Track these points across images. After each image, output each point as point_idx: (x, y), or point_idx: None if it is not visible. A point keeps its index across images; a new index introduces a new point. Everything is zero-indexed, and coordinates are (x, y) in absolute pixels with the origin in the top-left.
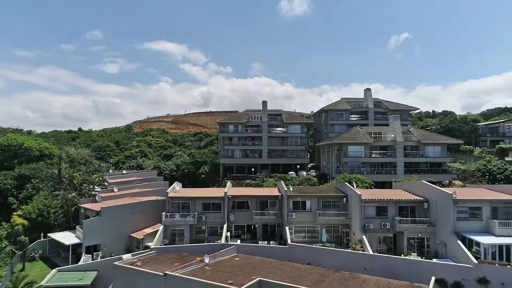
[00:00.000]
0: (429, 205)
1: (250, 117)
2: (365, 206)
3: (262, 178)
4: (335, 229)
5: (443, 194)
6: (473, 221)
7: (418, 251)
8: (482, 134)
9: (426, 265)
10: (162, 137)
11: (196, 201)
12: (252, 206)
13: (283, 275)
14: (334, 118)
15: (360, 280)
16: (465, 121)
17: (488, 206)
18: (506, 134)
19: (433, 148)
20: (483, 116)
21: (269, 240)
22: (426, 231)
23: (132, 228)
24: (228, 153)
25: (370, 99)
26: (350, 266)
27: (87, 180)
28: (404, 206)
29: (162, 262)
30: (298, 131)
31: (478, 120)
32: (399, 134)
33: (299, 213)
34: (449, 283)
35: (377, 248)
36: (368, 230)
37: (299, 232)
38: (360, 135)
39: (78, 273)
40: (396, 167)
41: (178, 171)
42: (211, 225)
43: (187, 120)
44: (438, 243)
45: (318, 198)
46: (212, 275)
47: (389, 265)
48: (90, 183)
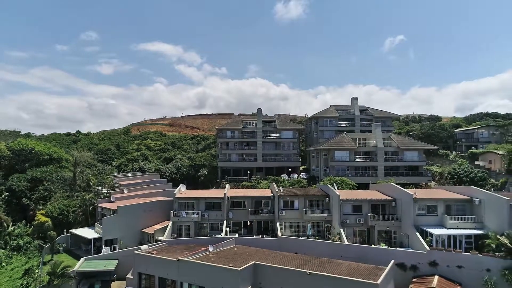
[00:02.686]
0: (396, 203)
1: (246, 123)
2: (343, 204)
3: (257, 180)
4: (319, 224)
5: (406, 194)
6: (430, 216)
7: (387, 242)
8: (459, 139)
9: (390, 252)
10: (160, 140)
11: (199, 201)
12: (248, 205)
13: (273, 260)
14: (323, 125)
15: (335, 264)
16: (443, 128)
17: (443, 204)
18: (480, 139)
19: (411, 153)
20: (467, 121)
21: (262, 234)
22: (393, 225)
23: (144, 224)
24: (226, 157)
25: (356, 107)
26: (330, 254)
27: (102, 183)
28: (376, 205)
29: (173, 251)
30: (291, 137)
31: (460, 125)
32: (380, 140)
33: (289, 211)
34: (407, 266)
35: (353, 240)
36: (345, 224)
37: (289, 227)
38: (346, 141)
39: (102, 261)
40: (377, 170)
41: (178, 174)
42: (212, 221)
43: (184, 122)
44: (402, 235)
45: (304, 198)
46: (216, 260)
47: (361, 253)
48: (106, 185)
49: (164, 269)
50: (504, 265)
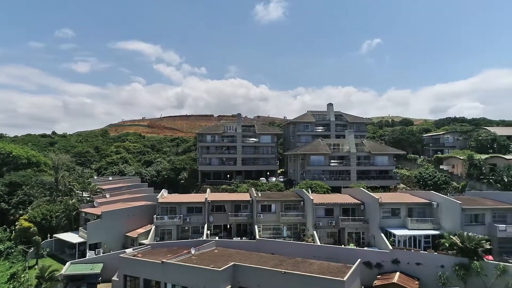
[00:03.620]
0: (364, 207)
1: (226, 128)
2: (316, 208)
3: (236, 184)
4: (294, 226)
5: (373, 198)
6: (394, 219)
7: (356, 242)
8: (427, 144)
9: (358, 252)
10: (139, 142)
11: (181, 205)
12: (228, 209)
13: (251, 261)
14: (300, 130)
15: (308, 263)
16: (412, 133)
17: (405, 207)
18: (445, 144)
19: (382, 157)
20: (436, 125)
21: (241, 236)
22: (362, 227)
23: (127, 228)
24: (206, 160)
25: (332, 112)
26: (303, 254)
27: (85, 188)
28: (346, 208)
29: (157, 254)
30: (269, 141)
31: (430, 129)
32: (353, 146)
33: (266, 214)
34: (373, 264)
35: (325, 241)
36: (318, 227)
37: (266, 230)
38: (321, 146)
39: (88, 264)
40: (350, 174)
41: (159, 177)
42: (194, 225)
43: (163, 124)
44: (370, 236)
45: (281, 202)
46: (198, 262)
47: (333, 253)
48: (88, 190)
49: (149, 271)
50: (456, 262)
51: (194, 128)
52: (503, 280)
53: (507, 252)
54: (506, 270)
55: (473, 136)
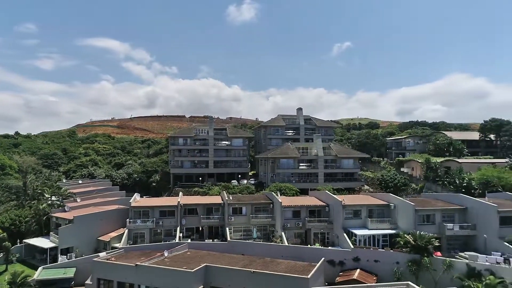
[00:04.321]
0: (329, 208)
1: (198, 131)
2: (285, 210)
3: (208, 186)
4: (264, 228)
5: (336, 201)
6: (356, 220)
7: (321, 242)
8: (390, 147)
9: (323, 251)
10: (109, 144)
11: (154, 209)
12: (200, 212)
13: (223, 262)
14: (271, 133)
15: (276, 263)
16: (376, 137)
17: (366, 209)
18: (407, 148)
19: (347, 161)
20: (400, 128)
21: (213, 238)
22: (326, 227)
23: (99, 232)
24: (178, 163)
25: (301, 117)
26: (272, 254)
27: (56, 193)
28: (312, 210)
29: (131, 257)
30: (241, 144)
31: (393, 133)
32: (321, 150)
33: (237, 217)
34: (336, 262)
35: (293, 241)
36: (286, 228)
37: (237, 231)
38: (290, 150)
39: (60, 269)
40: (318, 177)
41: (130, 179)
42: (167, 228)
43: (133, 124)
44: (334, 236)
45: (251, 204)
46: (171, 264)
47: (299, 253)
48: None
49: (122, 274)
50: (409, 258)
51: (165, 129)
52: (449, 274)
53: (454, 249)
54: (452, 265)
55: (432, 140)
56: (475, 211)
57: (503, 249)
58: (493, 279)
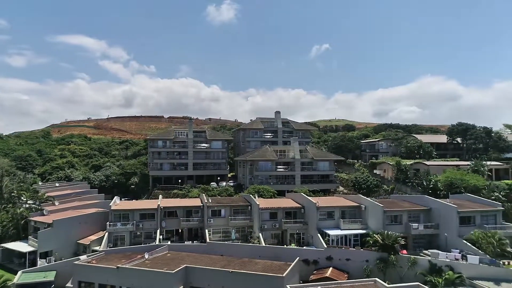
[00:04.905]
0: (304, 210)
1: (177, 133)
2: (262, 212)
3: (187, 188)
4: (242, 229)
5: (311, 203)
6: (329, 220)
7: (297, 242)
8: (364, 150)
9: (298, 251)
10: (86, 145)
11: (134, 212)
12: (180, 214)
13: (202, 262)
14: (250, 136)
15: (254, 263)
16: (351, 140)
17: (339, 210)
18: (380, 150)
19: (323, 163)
20: (375, 130)
21: (193, 240)
22: (302, 228)
23: (79, 236)
24: (157, 166)
25: (279, 120)
26: (250, 255)
27: (33, 196)
28: (289, 211)
29: (111, 260)
30: (220, 147)
31: (368, 135)
32: (298, 152)
33: (216, 219)
34: (310, 261)
35: (270, 242)
36: (264, 229)
37: (216, 233)
38: (269, 153)
39: (40, 273)
40: (295, 179)
41: (108, 182)
42: (147, 230)
43: (111, 125)
44: (309, 236)
45: (230, 207)
46: (152, 266)
47: (276, 253)
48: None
49: (104, 276)
50: (377, 257)
51: (143, 130)
52: (414, 270)
53: (419, 247)
54: (416, 262)
55: (403, 143)
56: (438, 212)
57: (462, 247)
58: (452, 274)
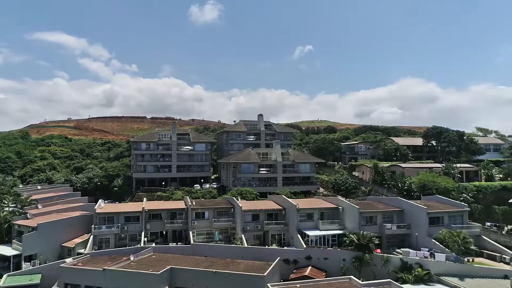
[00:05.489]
0: (285, 212)
1: (161, 136)
2: (245, 214)
3: (171, 191)
4: (225, 230)
5: (292, 205)
6: (309, 222)
7: (278, 242)
8: (344, 152)
9: (279, 251)
10: (67, 146)
11: (119, 215)
12: (164, 217)
13: (187, 263)
14: (233, 138)
15: (236, 263)
16: (332, 142)
17: (318, 212)
18: (359, 152)
19: (304, 165)
20: (356, 132)
21: (177, 242)
22: (283, 229)
23: (64, 239)
24: (141, 168)
25: (262, 123)
26: (233, 255)
27: (17, 200)
28: (270, 213)
29: (97, 262)
30: (203, 149)
31: (349, 137)
32: (279, 155)
33: (200, 221)
34: (290, 260)
35: (252, 243)
36: (246, 230)
37: (200, 235)
38: (251, 155)
39: (26, 276)
40: (277, 181)
41: (90, 184)
42: (131, 233)
43: (92, 125)
44: (289, 237)
45: (213, 209)
46: (137, 267)
47: (258, 253)
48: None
49: (90, 279)
50: (353, 256)
51: (126, 131)
52: (387, 268)
53: (392, 246)
54: (388, 260)
55: (381, 146)
56: (410, 213)
57: (431, 245)
58: (421, 271)
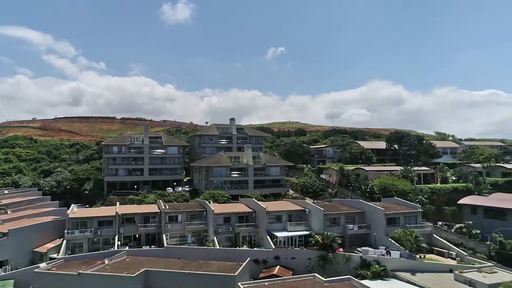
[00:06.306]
0: (255, 214)
1: (133, 139)
2: (217, 217)
3: (144, 194)
4: (198, 233)
5: (261, 207)
6: (277, 223)
7: (249, 244)
8: (313, 155)
9: (249, 251)
10: (32, 148)
11: (92, 219)
12: (138, 220)
13: (161, 266)
14: (205, 142)
15: (209, 264)
16: (301, 146)
17: (286, 214)
18: (327, 156)
19: (275, 168)
20: (325, 135)
21: (150, 245)
22: (253, 231)
23: (35, 244)
24: (112, 171)
25: (234, 127)
26: (205, 257)
27: None
28: (241, 216)
29: (71, 267)
30: (176, 152)
31: (318, 140)
32: (251, 159)
33: (173, 224)
34: (260, 260)
35: (224, 244)
36: (218, 233)
37: (173, 237)
38: (223, 159)
39: None
40: (248, 184)
41: (59, 187)
42: (105, 237)
43: (58, 126)
44: (259, 238)
45: (186, 212)
46: (112, 270)
47: (229, 254)
48: None
49: (65, 283)
50: (318, 255)
51: (94, 131)
52: (348, 266)
53: (354, 245)
54: (349, 258)
55: (347, 149)
56: (370, 214)
57: (388, 244)
58: (378, 267)
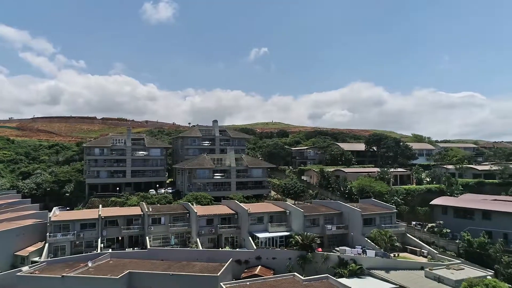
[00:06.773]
0: (238, 216)
1: (115, 141)
2: (199, 219)
3: (126, 196)
4: (181, 235)
5: (243, 209)
6: (259, 225)
7: (231, 245)
8: (294, 156)
9: (231, 252)
10: (10, 149)
11: (75, 222)
12: (121, 223)
13: (144, 267)
14: (188, 143)
15: (192, 265)
16: (283, 148)
17: (267, 215)
18: (308, 157)
19: (257, 170)
20: (307, 137)
21: (134, 247)
22: (235, 232)
23: (16, 248)
24: (94, 173)
25: (217, 129)
26: (188, 258)
27: None
28: (224, 217)
29: (55, 270)
30: (158, 154)
31: (300, 141)
32: (233, 161)
33: (156, 226)
34: (242, 261)
35: (207, 246)
36: (201, 234)
37: (156, 239)
38: (206, 161)
39: None
40: (231, 185)
41: (39, 190)
42: (88, 240)
43: (37, 126)
44: (241, 239)
45: (169, 214)
46: (96, 273)
47: (212, 255)
48: None
49: (49, 286)
50: (298, 255)
51: (74, 132)
52: (326, 265)
53: (333, 245)
54: (328, 257)
55: (328, 151)
56: (347, 215)
57: (364, 243)
58: (354, 266)
